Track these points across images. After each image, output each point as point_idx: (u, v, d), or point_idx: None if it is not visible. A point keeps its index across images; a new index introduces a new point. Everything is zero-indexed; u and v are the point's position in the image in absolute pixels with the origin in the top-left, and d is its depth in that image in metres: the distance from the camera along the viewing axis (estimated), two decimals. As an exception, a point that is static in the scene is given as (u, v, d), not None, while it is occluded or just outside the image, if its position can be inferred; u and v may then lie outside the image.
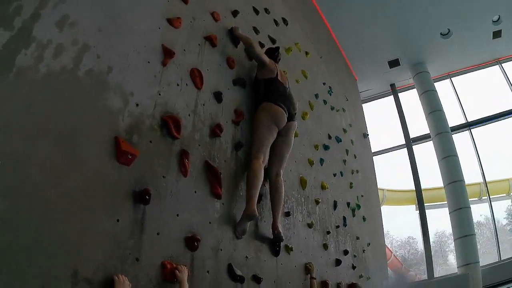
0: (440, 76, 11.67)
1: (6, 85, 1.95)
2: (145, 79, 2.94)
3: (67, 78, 2.29)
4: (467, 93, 12.17)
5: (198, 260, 2.89)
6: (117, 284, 2.10)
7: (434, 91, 10.68)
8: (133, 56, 2.88)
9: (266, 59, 4.53)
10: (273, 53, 4.85)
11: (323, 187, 5.93)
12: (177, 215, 2.81)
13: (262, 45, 5.01)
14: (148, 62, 3.02)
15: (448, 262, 18.86)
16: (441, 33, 10.09)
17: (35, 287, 1.79)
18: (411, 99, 11.83)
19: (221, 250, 3.20)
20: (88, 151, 2.29)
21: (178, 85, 3.27)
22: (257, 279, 3.58)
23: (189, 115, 3.29)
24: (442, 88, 11.60)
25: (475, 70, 11.78)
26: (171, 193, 2.81)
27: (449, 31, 10.02)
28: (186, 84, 3.39)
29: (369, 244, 7.38)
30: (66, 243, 1.99)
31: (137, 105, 2.76)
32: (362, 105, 11.20)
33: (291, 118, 4.34)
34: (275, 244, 4.02)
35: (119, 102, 2.62)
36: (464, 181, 9.32)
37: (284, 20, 6.38)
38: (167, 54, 3.23)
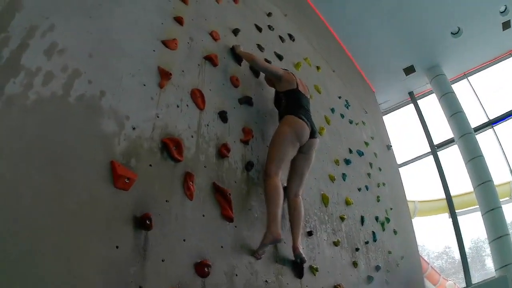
0: (456, 77, 11.42)
1: (-4, 112, 1.91)
2: (141, 102, 2.83)
3: (58, 104, 2.24)
4: (485, 90, 11.88)
5: (210, 287, 2.70)
6: None
7: (452, 93, 10.40)
8: (127, 80, 2.79)
9: (279, 70, 4.36)
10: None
11: (347, 203, 5.69)
12: (184, 240, 2.64)
13: (268, 62, 4.85)
14: (144, 85, 2.92)
15: (486, 267, 18.36)
16: (451, 32, 9.86)
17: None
18: (431, 104, 11.59)
19: (236, 275, 2.99)
20: (82, 176, 2.18)
21: (178, 106, 3.15)
22: (279, 304, 3.34)
23: (192, 136, 3.15)
24: (460, 89, 11.34)
25: (490, 66, 11.44)
26: (176, 218, 2.64)
27: (459, 29, 9.79)
28: (187, 105, 3.26)
29: (403, 257, 7.06)
30: (59, 271, 1.86)
31: (133, 128, 2.64)
32: (383, 117, 11.00)
33: (313, 134, 4.09)
34: (298, 266, 3.77)
35: (113, 126, 2.51)
36: (493, 181, 8.97)
37: (291, 36, 6.28)
38: (164, 76, 3.12)
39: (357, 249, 5.33)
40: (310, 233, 4.30)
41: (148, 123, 2.79)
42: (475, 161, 9.19)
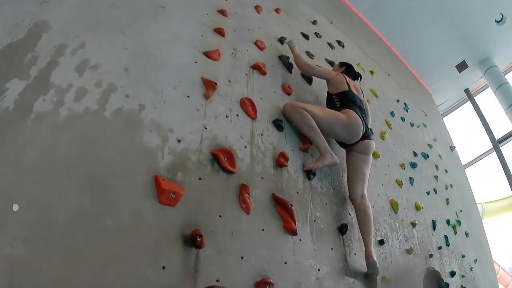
0: (509, 67, 10.73)
1: (25, 131, 1.89)
2: (186, 113, 2.66)
3: (92, 119, 2.14)
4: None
5: None
6: None
7: (507, 83, 9.81)
8: (168, 92, 2.66)
9: (329, 73, 4.15)
10: (350, 70, 4.52)
11: (417, 208, 5.29)
12: (242, 257, 2.38)
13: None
14: (188, 96, 2.77)
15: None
16: (495, 20, 9.28)
17: None
18: (488, 99, 11.07)
19: (303, 292, 2.69)
20: (123, 193, 2.02)
21: (227, 116, 2.96)
22: (354, 321, 3.00)
23: (245, 147, 2.93)
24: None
25: None
26: (232, 234, 2.40)
27: (502, 16, 9.20)
28: (237, 115, 3.07)
29: (476, 260, 6.50)
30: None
31: (179, 141, 2.46)
32: (443, 118, 10.56)
33: (369, 136, 3.89)
34: (370, 278, 3.43)
35: (156, 139, 2.35)
36: None
37: (340, 43, 6.04)
38: (209, 86, 2.96)
39: (431, 255, 4.91)
40: (381, 242, 3.96)
41: (195, 135, 2.60)
42: (537, 150, 8.63)
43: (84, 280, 1.67)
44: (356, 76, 4.55)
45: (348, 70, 4.51)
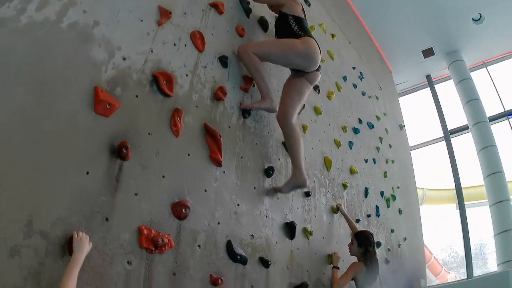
0: (475, 65, 10.98)
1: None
2: (136, 35, 2.79)
3: (49, 29, 2.23)
4: (505, 81, 11.41)
5: (187, 231, 2.63)
6: (74, 241, 1.89)
7: (470, 79, 10.03)
8: (124, 13, 2.75)
9: None
10: None
11: (352, 171, 5.59)
12: (163, 176, 2.59)
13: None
14: (141, 20, 2.88)
15: (488, 265, 17.99)
16: (473, 19, 9.43)
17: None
18: (447, 91, 11.30)
19: (218, 223, 2.93)
20: (64, 99, 2.17)
21: (175, 45, 3.10)
22: (264, 262, 3.25)
23: (186, 75, 3.10)
24: (478, 78, 10.86)
25: (510, 58, 10.91)
26: (158, 152, 2.60)
27: (480, 16, 9.36)
28: (185, 45, 3.21)
29: (406, 239, 6.91)
30: (23, 188, 1.83)
31: (124, 58, 2.61)
32: (399, 98, 10.85)
33: (319, 68, 3.98)
34: (290, 226, 3.69)
35: (103, 54, 2.48)
36: (504, 173, 8.58)
37: (306, 1, 6.12)
38: (163, 14, 3.08)
39: (357, 221, 5.24)
40: (307, 194, 4.22)
41: (141, 56, 2.75)
42: (487, 150, 8.84)
43: (20, 175, 1.84)
44: None
45: None
